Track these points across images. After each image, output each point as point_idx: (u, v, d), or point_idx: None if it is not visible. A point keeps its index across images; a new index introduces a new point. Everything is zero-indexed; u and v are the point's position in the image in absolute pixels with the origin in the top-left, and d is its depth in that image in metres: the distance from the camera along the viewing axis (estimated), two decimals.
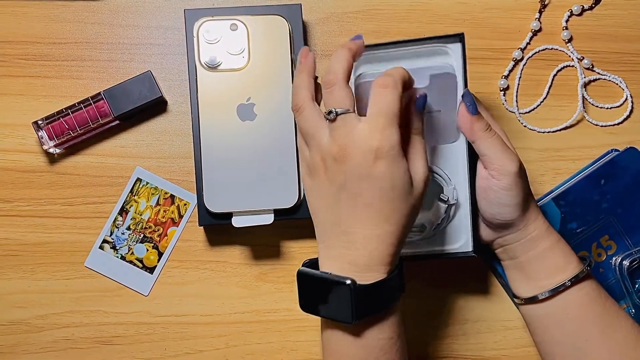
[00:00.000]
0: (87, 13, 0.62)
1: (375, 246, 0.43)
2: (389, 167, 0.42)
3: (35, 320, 0.61)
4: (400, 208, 0.44)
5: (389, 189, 0.43)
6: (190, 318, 0.61)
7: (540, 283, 0.52)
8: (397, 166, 0.43)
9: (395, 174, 0.43)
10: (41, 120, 0.59)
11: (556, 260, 0.51)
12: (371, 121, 0.43)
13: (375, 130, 0.42)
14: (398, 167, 0.43)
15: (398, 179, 0.43)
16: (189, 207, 0.62)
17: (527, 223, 0.52)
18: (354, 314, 0.42)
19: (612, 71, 0.64)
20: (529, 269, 0.53)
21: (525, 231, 0.52)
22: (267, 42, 0.58)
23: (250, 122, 0.58)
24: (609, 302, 0.52)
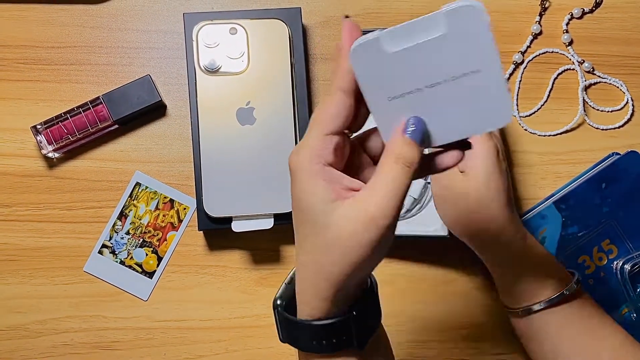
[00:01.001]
0: (86, 17, 0.62)
1: (297, 277, 0.36)
2: (295, 183, 0.34)
3: (34, 325, 0.61)
4: (312, 240, 0.34)
5: (296, 208, 0.34)
6: (190, 323, 0.61)
7: (514, 304, 0.53)
8: (302, 187, 0.33)
9: (302, 192, 0.33)
10: (40, 125, 0.59)
11: (529, 285, 0.52)
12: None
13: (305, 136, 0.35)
14: (303, 184, 0.33)
15: (304, 199, 0.33)
16: (189, 211, 0.62)
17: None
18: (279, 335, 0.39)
19: (613, 74, 0.64)
20: (505, 285, 0.54)
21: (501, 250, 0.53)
22: (267, 46, 0.58)
23: (250, 126, 0.58)
24: (593, 322, 0.52)
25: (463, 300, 0.62)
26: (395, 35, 0.31)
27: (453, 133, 0.33)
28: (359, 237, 0.32)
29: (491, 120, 0.32)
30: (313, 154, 0.33)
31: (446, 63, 0.31)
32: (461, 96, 0.32)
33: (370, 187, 0.33)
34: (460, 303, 0.62)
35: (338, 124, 0.33)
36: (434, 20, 0.30)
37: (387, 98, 0.32)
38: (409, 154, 0.33)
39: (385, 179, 0.32)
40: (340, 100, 0.33)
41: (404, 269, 0.62)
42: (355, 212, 0.32)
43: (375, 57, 0.31)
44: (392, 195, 0.32)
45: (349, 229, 0.32)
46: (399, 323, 0.62)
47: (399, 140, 0.33)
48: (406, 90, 0.32)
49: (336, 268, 0.33)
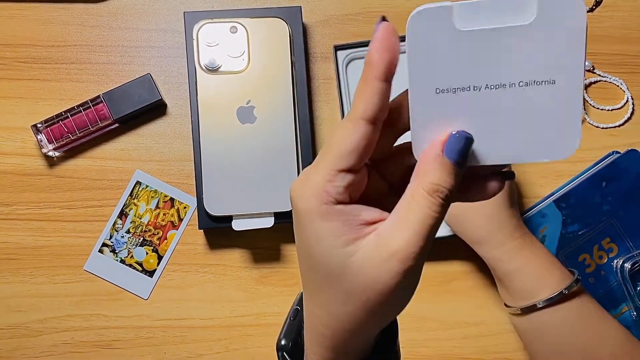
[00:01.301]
0: (87, 16, 0.62)
1: (306, 324, 0.32)
2: (301, 225, 0.28)
3: (35, 324, 0.60)
4: (328, 290, 0.28)
5: (304, 253, 0.29)
6: (190, 322, 0.61)
7: (515, 302, 0.53)
8: (309, 232, 0.27)
9: (309, 237, 0.27)
10: (40, 124, 0.59)
11: (529, 283, 0.52)
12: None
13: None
14: (312, 227, 0.27)
15: (313, 246, 0.27)
16: (189, 210, 0.61)
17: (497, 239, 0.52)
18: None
19: (613, 73, 0.64)
20: (505, 283, 0.53)
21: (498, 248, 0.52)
22: (267, 44, 0.58)
23: (250, 124, 0.58)
24: (593, 321, 0.52)
25: (463, 298, 0.62)
26: (471, 11, 0.25)
27: (499, 155, 0.26)
28: (387, 282, 0.26)
29: (551, 149, 0.26)
30: (320, 193, 0.27)
31: (520, 61, 0.25)
32: (523, 110, 0.26)
33: (396, 221, 0.26)
34: (461, 301, 0.62)
35: (354, 161, 0.26)
36: (523, 4, 0.25)
37: (435, 89, 0.26)
38: (449, 183, 0.26)
39: (417, 214, 0.26)
40: (361, 132, 0.26)
41: None
42: (380, 253, 0.26)
43: (440, 30, 0.25)
44: (422, 231, 0.26)
45: (373, 273, 0.26)
46: (400, 322, 0.62)
47: (436, 163, 0.26)
48: (461, 85, 0.26)
49: (356, 319, 0.28)
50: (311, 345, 0.31)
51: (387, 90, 0.26)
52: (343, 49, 0.61)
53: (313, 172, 0.27)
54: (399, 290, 0.27)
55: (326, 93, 0.63)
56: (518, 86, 0.25)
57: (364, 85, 0.26)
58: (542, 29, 0.24)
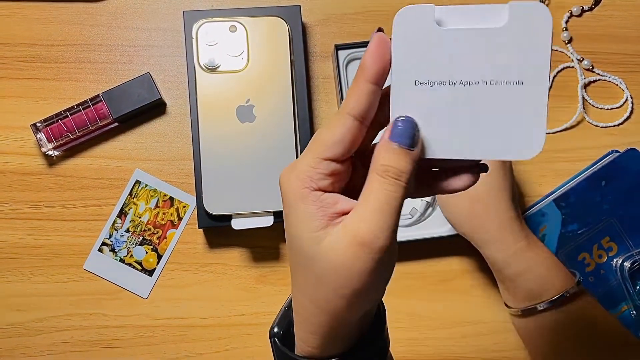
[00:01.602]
0: (86, 15, 0.62)
1: (294, 310, 0.33)
2: (285, 207, 0.30)
3: (34, 323, 0.60)
4: (303, 273, 0.30)
5: (287, 235, 0.31)
6: (190, 321, 0.61)
7: (516, 304, 0.53)
8: (291, 213, 0.30)
9: (290, 218, 0.30)
10: (40, 123, 0.59)
11: (531, 285, 0.51)
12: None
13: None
14: (292, 208, 0.29)
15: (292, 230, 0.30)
16: (188, 209, 0.62)
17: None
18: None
19: (612, 72, 0.64)
20: (507, 284, 0.53)
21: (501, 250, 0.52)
22: (267, 43, 0.58)
23: (250, 123, 0.58)
24: (594, 323, 0.51)
25: (462, 297, 0.62)
26: (451, 12, 0.28)
27: (469, 150, 0.28)
28: (350, 267, 0.28)
29: (516, 148, 0.28)
30: (303, 177, 0.29)
31: (492, 61, 0.27)
32: (493, 108, 0.28)
33: (358, 208, 0.28)
34: (460, 300, 0.62)
35: (339, 151, 0.29)
36: (496, 10, 0.27)
37: (415, 81, 0.28)
38: (398, 163, 0.28)
39: (373, 196, 0.28)
40: (348, 126, 0.28)
41: (402, 266, 0.62)
42: (343, 239, 0.28)
43: (423, 27, 0.28)
44: (383, 214, 0.27)
45: (338, 259, 0.28)
46: (398, 320, 0.62)
47: (384, 147, 0.28)
48: (439, 79, 0.28)
49: (330, 304, 0.29)
50: (298, 332, 0.32)
51: (376, 92, 0.28)
52: (344, 49, 0.61)
53: (300, 159, 0.29)
54: (368, 275, 0.28)
55: (325, 92, 0.63)
56: (489, 84, 0.28)
57: (356, 85, 0.28)
58: (511, 34, 0.27)
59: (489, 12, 0.27)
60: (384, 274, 0.30)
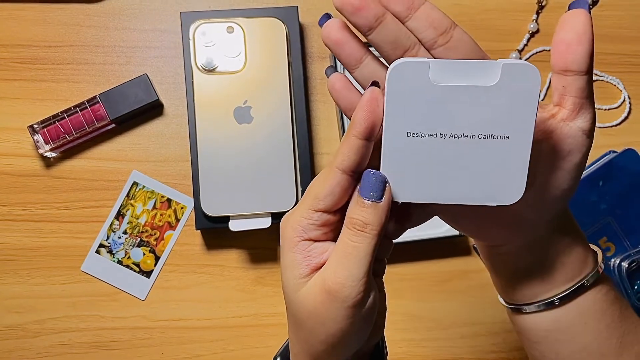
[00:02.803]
0: (83, 16, 0.62)
1: (290, 345, 0.34)
2: (281, 252, 0.32)
3: (32, 325, 0.60)
4: (289, 314, 0.32)
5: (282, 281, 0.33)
6: (188, 322, 0.61)
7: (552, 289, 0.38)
8: (283, 259, 0.32)
9: (282, 263, 0.32)
10: (37, 124, 0.59)
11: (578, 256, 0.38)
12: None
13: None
14: (284, 255, 0.32)
15: (283, 275, 0.32)
16: (186, 210, 0.61)
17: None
18: None
19: (610, 72, 0.64)
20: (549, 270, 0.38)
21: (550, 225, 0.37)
22: (264, 44, 0.58)
23: (247, 125, 0.58)
24: (624, 305, 0.40)
25: (460, 298, 0.62)
26: (445, 68, 0.29)
27: (452, 195, 0.30)
28: (321, 314, 0.29)
29: (498, 195, 0.30)
30: (296, 227, 0.30)
31: (481, 117, 0.29)
32: (479, 159, 0.29)
33: (330, 258, 0.30)
34: (458, 301, 0.62)
35: (329, 203, 0.30)
36: (488, 68, 0.28)
37: (407, 132, 0.29)
38: (363, 216, 0.29)
39: (340, 247, 0.29)
40: (337, 181, 0.30)
41: (401, 267, 0.62)
42: (314, 287, 0.29)
43: (416, 82, 0.29)
44: (349, 265, 0.29)
45: (310, 305, 0.30)
46: (396, 321, 0.62)
47: (353, 200, 0.30)
48: (430, 131, 0.29)
49: (311, 347, 0.31)
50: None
51: (365, 146, 0.29)
52: None
53: (296, 208, 0.31)
54: (337, 322, 0.29)
55: (323, 93, 0.63)
56: (477, 138, 0.29)
57: (345, 140, 0.29)
58: (502, 92, 0.28)
59: (483, 69, 0.29)
60: (361, 324, 0.30)
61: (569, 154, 0.32)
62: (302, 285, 0.30)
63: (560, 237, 0.37)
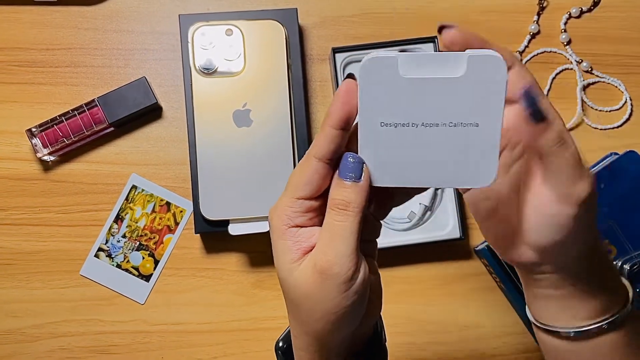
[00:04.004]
0: (81, 19, 0.62)
1: (291, 329, 0.36)
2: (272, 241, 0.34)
3: (31, 329, 0.60)
4: (286, 299, 0.34)
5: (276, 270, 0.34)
6: (187, 326, 0.61)
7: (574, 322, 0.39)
8: (274, 247, 0.33)
9: (274, 252, 0.34)
10: (35, 128, 0.59)
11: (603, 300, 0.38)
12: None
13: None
14: (274, 243, 0.33)
15: (276, 262, 0.34)
16: (185, 214, 0.61)
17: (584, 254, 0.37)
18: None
19: (611, 74, 0.64)
20: (568, 303, 0.39)
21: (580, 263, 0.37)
22: (263, 47, 0.58)
23: (247, 128, 0.57)
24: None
25: (461, 301, 0.62)
26: (413, 61, 0.30)
27: (427, 179, 0.32)
28: (316, 294, 0.31)
29: (471, 179, 0.31)
30: (282, 216, 0.32)
31: (451, 107, 0.30)
32: (451, 145, 0.31)
33: (318, 240, 0.32)
34: (459, 304, 0.62)
35: (309, 191, 0.32)
36: (456, 60, 0.29)
37: (380, 123, 0.31)
38: (345, 195, 0.31)
39: (327, 227, 0.31)
40: (314, 168, 0.32)
41: (402, 270, 0.62)
42: (307, 268, 0.31)
43: (386, 76, 0.30)
44: (336, 243, 0.30)
45: (305, 287, 0.31)
46: (397, 324, 0.62)
47: (334, 182, 0.32)
48: (402, 121, 0.31)
49: (310, 327, 0.32)
50: (295, 349, 0.35)
51: (340, 135, 0.31)
52: (341, 52, 0.60)
53: (281, 198, 0.33)
54: (332, 299, 0.31)
55: (323, 95, 0.63)
56: (448, 126, 0.30)
57: (322, 130, 0.32)
58: (469, 82, 0.29)
59: (450, 60, 0.30)
60: (354, 299, 0.31)
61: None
62: (295, 269, 0.32)
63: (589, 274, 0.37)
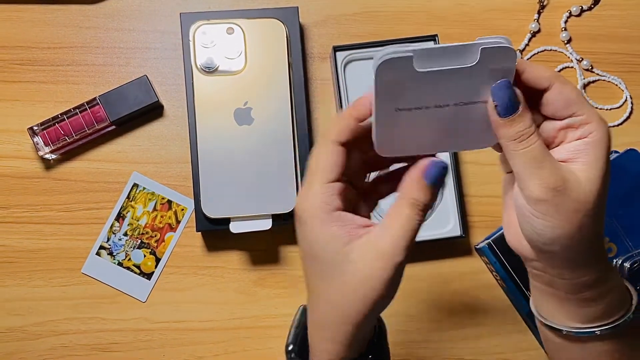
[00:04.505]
0: (82, 17, 0.62)
1: (313, 325, 0.37)
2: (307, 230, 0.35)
3: (33, 327, 0.60)
4: (329, 284, 0.34)
5: (309, 256, 0.35)
6: (189, 324, 0.61)
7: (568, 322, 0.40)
8: (317, 237, 0.34)
9: (315, 240, 0.34)
10: (37, 126, 0.59)
11: (596, 310, 0.39)
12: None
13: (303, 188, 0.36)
14: (314, 233, 0.34)
15: (318, 247, 0.34)
16: (186, 212, 0.61)
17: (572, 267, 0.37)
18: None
19: (612, 72, 0.64)
20: (562, 305, 0.40)
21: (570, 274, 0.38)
22: (264, 45, 0.58)
23: (248, 126, 0.57)
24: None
25: (462, 299, 0.62)
26: (428, 56, 0.32)
27: (436, 146, 0.35)
28: (377, 277, 0.33)
29: (478, 142, 0.35)
30: (322, 201, 0.34)
31: (462, 90, 0.33)
32: (461, 118, 0.34)
33: (385, 226, 0.34)
34: (460, 302, 0.62)
35: (337, 172, 0.34)
36: (468, 51, 0.32)
37: (395, 108, 0.33)
38: (426, 199, 0.34)
39: (402, 221, 0.33)
40: (336, 151, 0.35)
41: None
42: (370, 253, 0.33)
43: (402, 72, 0.32)
44: (406, 234, 0.33)
45: (366, 270, 0.33)
46: (398, 323, 0.62)
47: (417, 183, 0.34)
48: (416, 106, 0.33)
49: (355, 310, 0.34)
50: (319, 344, 0.37)
51: (359, 127, 0.35)
52: (342, 50, 0.60)
53: (309, 189, 0.34)
54: (388, 284, 0.33)
55: (323, 94, 0.63)
56: (460, 104, 0.34)
57: (343, 118, 0.35)
58: (482, 69, 0.32)
59: (462, 52, 0.32)
60: (396, 286, 0.35)
61: None
62: (349, 253, 0.33)
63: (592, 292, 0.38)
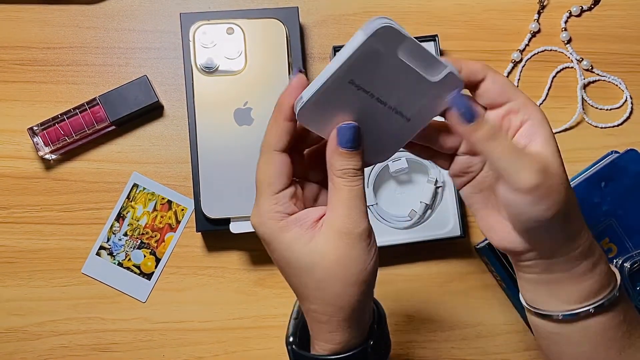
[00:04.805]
0: (82, 17, 0.62)
1: (309, 323, 0.38)
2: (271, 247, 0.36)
3: (33, 327, 0.60)
4: (307, 284, 0.35)
5: (284, 268, 0.37)
6: (189, 324, 0.61)
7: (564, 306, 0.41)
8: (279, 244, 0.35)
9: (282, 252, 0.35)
10: (36, 126, 0.59)
11: (592, 284, 0.40)
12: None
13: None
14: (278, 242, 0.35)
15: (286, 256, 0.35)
16: (187, 212, 0.61)
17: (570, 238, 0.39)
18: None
19: (612, 72, 0.64)
20: (558, 288, 0.41)
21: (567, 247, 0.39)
22: (264, 45, 0.58)
23: (248, 126, 0.57)
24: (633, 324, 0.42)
25: (462, 299, 0.62)
26: (414, 49, 0.32)
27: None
28: (347, 255, 0.34)
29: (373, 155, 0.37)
30: (275, 212, 0.35)
31: (406, 97, 0.34)
32: (382, 124, 0.35)
33: (332, 206, 0.34)
34: (459, 302, 0.62)
35: (284, 180, 0.35)
36: (439, 68, 0.33)
37: (350, 80, 0.33)
38: (351, 164, 0.34)
39: (343, 195, 0.34)
40: (279, 160, 0.35)
41: (402, 268, 0.62)
42: (331, 237, 0.34)
43: (388, 48, 0.32)
44: (352, 204, 0.34)
45: (334, 254, 0.34)
46: (398, 323, 0.62)
47: (336, 153, 0.34)
48: (367, 88, 0.33)
49: (342, 298, 0.34)
50: (319, 338, 0.37)
51: (293, 127, 0.35)
52: None
53: (259, 206, 0.35)
54: (362, 257, 0.34)
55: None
56: (391, 109, 0.34)
57: (275, 124, 0.35)
58: (434, 89, 0.34)
59: (436, 66, 0.33)
60: (372, 250, 0.35)
61: None
62: (314, 246, 0.34)
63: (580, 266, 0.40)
